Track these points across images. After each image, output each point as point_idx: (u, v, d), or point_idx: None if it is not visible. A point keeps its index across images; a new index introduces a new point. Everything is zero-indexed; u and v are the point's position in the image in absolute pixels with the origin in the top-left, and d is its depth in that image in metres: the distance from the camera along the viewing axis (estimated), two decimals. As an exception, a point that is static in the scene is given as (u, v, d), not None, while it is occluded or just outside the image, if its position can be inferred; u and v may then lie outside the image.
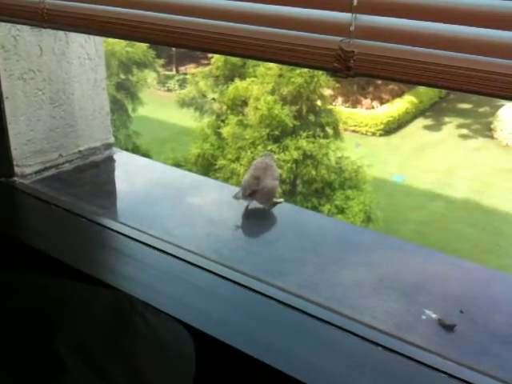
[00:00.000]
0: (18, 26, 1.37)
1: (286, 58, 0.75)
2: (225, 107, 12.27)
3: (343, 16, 0.71)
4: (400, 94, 17.87)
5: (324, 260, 1.18)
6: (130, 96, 12.58)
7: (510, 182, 13.65)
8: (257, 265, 1.12)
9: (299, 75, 11.74)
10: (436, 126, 17.25)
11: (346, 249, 1.23)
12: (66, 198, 1.42)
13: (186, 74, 17.18)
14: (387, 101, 17.58)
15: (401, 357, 0.85)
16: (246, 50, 0.76)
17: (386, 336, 0.89)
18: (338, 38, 0.72)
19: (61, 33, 1.47)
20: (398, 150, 15.73)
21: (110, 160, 1.66)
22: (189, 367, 0.76)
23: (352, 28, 0.71)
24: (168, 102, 15.33)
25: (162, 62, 14.05)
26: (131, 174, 1.62)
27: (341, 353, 0.86)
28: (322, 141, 11.82)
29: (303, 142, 11.54)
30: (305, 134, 11.71)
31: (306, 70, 11.80)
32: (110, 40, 10.90)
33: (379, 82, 18.30)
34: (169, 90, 16.78)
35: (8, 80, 1.37)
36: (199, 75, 13.32)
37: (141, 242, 1.20)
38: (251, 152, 11.38)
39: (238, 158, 11.48)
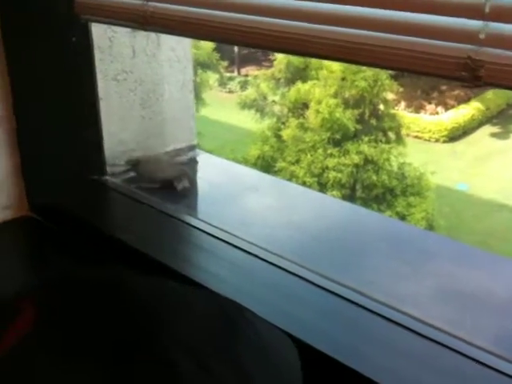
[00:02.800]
0: (114, 28, 1.40)
1: (410, 66, 0.72)
2: (286, 110, 12.26)
3: (473, 23, 0.68)
4: (466, 100, 17.31)
5: (415, 269, 1.13)
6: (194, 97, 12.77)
7: None
8: (350, 277, 1.09)
9: (363, 79, 11.58)
10: (503, 134, 16.60)
11: (428, 257, 1.17)
12: (152, 196, 1.44)
13: (247, 75, 17.30)
14: (452, 106, 17.06)
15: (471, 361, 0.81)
16: (371, 57, 0.74)
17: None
18: (468, 46, 0.68)
19: (153, 35, 1.49)
20: (462, 157, 15.24)
21: (194, 161, 1.67)
22: (297, 378, 0.74)
23: (482, 36, 0.67)
24: (229, 103, 15.47)
25: (225, 64, 14.22)
26: (214, 175, 1.62)
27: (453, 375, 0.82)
28: (383, 146, 11.62)
29: (365, 147, 11.38)
30: (366, 139, 11.54)
31: (370, 73, 11.64)
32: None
33: (444, 87, 17.83)
34: (230, 92, 16.94)
35: (102, 81, 1.40)
36: (261, 77, 13.37)
37: (231, 244, 1.20)
38: (311, 155, 11.33)
39: (297, 161, 11.45)
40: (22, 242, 1.37)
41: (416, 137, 15.46)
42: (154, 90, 1.54)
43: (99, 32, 1.36)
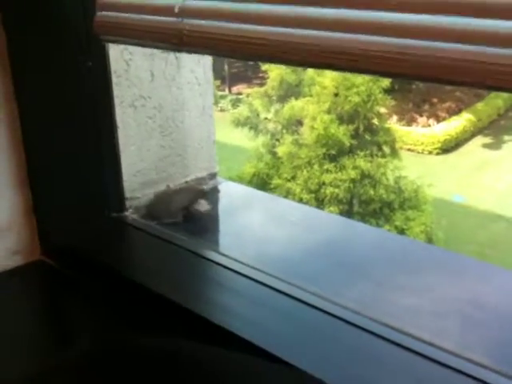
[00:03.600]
0: (131, 50, 1.28)
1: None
2: (280, 127, 12.21)
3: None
4: (457, 112, 17.39)
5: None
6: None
7: None
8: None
9: (356, 94, 11.56)
10: (496, 145, 16.65)
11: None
12: (174, 231, 1.31)
13: (238, 94, 17.27)
14: (444, 119, 17.11)
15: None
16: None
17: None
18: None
19: (172, 56, 1.37)
20: (456, 169, 15.25)
21: (215, 190, 1.54)
22: None
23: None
24: (221, 121, 15.40)
25: (218, 83, 14.17)
26: (238, 205, 1.49)
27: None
28: (379, 160, 11.57)
29: (361, 161, 11.32)
30: (362, 153, 11.49)
31: (363, 88, 11.62)
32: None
33: (435, 99, 17.89)
34: (222, 110, 16.89)
35: (119, 107, 1.28)
36: (254, 95, 13.32)
37: (260, 282, 1.07)
38: (307, 171, 11.24)
39: (293, 177, 11.37)
40: (35, 291, 1.23)
41: (409, 149, 15.46)
42: (174, 117, 1.42)
43: (115, 54, 1.24)
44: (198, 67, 1.43)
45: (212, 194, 1.52)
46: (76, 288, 1.19)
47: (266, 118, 12.72)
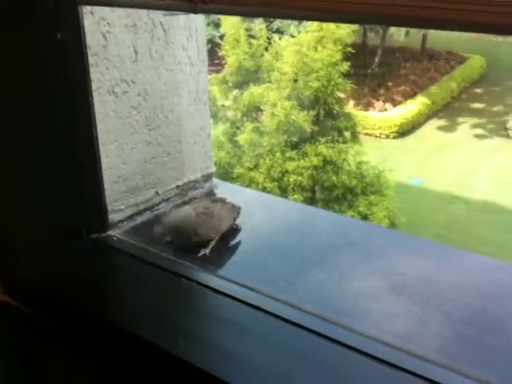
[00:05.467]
0: (109, 19, 0.97)
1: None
2: (239, 114, 11.90)
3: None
4: (412, 95, 17.48)
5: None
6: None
7: (531, 182, 13.30)
8: None
9: (316, 79, 11.36)
10: (450, 127, 16.87)
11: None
12: (166, 251, 1.02)
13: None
14: (400, 102, 17.19)
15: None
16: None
17: None
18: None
19: (159, 30, 1.08)
20: (413, 152, 15.38)
21: (212, 195, 1.26)
22: None
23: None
24: (178, 110, 14.92)
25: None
26: (242, 213, 1.22)
27: None
28: (341, 146, 11.44)
29: (322, 148, 11.14)
30: (323, 140, 11.32)
31: (322, 73, 11.43)
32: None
33: (390, 83, 17.91)
34: (177, 98, 16.34)
35: (97, 95, 0.98)
36: (211, 81, 12.92)
37: (282, 318, 0.81)
38: (269, 159, 11.00)
39: (255, 166, 11.09)
40: None
41: (367, 134, 15.48)
42: (162, 105, 1.13)
43: (90, 25, 0.93)
44: (190, 43, 1.14)
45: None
46: (47, 336, 0.89)
47: (223, 106, 12.36)
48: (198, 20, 1.15)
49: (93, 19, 0.94)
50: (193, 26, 1.14)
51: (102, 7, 0.91)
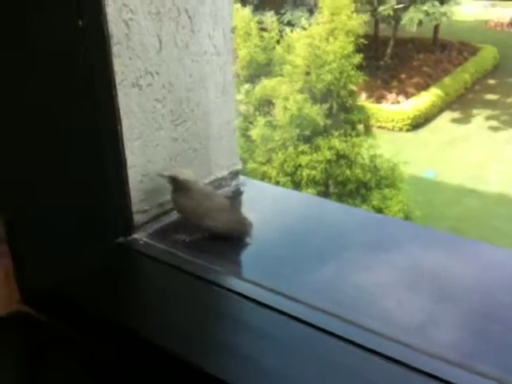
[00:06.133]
0: (131, 6, 0.90)
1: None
2: (252, 108, 11.82)
3: None
4: (425, 87, 17.29)
5: None
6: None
7: (546, 174, 13.13)
8: None
9: (329, 72, 11.24)
10: (464, 119, 16.68)
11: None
12: (191, 255, 0.95)
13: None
14: (412, 95, 17.01)
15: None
16: None
17: None
18: None
19: (184, 17, 1.00)
20: (427, 145, 15.24)
21: (239, 193, 1.18)
22: None
23: None
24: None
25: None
26: (272, 213, 1.14)
27: None
28: (354, 139, 11.32)
29: (335, 142, 11.04)
30: (336, 133, 11.22)
31: (335, 65, 11.31)
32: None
33: (403, 75, 17.72)
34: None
35: (120, 88, 0.91)
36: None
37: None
38: (282, 154, 10.91)
39: (268, 160, 11.02)
40: (13, 350, 0.85)
41: (380, 127, 15.34)
42: (188, 98, 1.05)
43: (112, 13, 0.86)
44: (216, 31, 1.07)
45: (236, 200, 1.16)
46: (67, 346, 0.82)
47: (236, 100, 12.29)
48: (225, 6, 1.07)
49: (114, 6, 0.87)
50: (219, 14, 1.07)
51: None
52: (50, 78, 0.81)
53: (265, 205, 1.17)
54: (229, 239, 0.99)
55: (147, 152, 1.00)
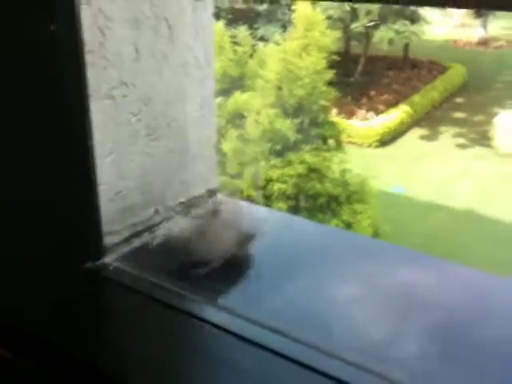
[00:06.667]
0: (107, 11, 0.84)
1: None
2: (223, 121, 11.78)
3: None
4: (394, 104, 17.55)
5: None
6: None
7: None
8: None
9: (301, 87, 11.30)
10: (432, 136, 16.98)
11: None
12: (166, 280, 0.88)
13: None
14: (382, 111, 17.25)
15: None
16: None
17: None
18: None
19: (163, 26, 0.94)
20: (395, 161, 15.44)
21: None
22: None
23: None
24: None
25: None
26: (254, 235, 1.08)
27: None
28: (325, 154, 11.38)
29: (307, 156, 11.08)
30: (308, 148, 11.26)
31: (307, 81, 11.37)
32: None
33: (373, 92, 17.96)
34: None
35: (93, 99, 0.84)
36: (195, 88, 12.77)
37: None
38: (253, 168, 10.89)
39: (239, 174, 10.98)
40: None
41: (350, 142, 15.48)
42: (165, 112, 0.99)
43: (87, 18, 0.79)
44: (197, 42, 1.01)
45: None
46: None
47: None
48: (206, 17, 1.02)
49: (90, 11, 0.80)
50: (200, 24, 1.01)
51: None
52: (18, 81, 0.74)
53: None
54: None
55: (120, 168, 0.93)
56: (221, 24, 12.25)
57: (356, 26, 16.85)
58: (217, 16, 13.49)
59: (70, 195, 0.82)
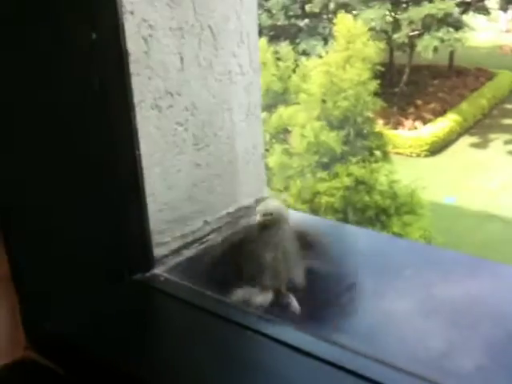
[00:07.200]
0: (151, 21, 0.83)
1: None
2: (268, 136, 11.81)
3: None
4: (442, 113, 17.19)
5: None
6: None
7: None
8: None
9: (345, 98, 11.22)
10: (483, 144, 16.52)
11: None
12: (218, 292, 0.86)
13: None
14: (429, 120, 16.91)
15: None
16: None
17: None
18: None
19: (207, 34, 0.93)
20: (445, 170, 15.07)
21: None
22: None
23: None
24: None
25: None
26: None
27: None
28: (373, 165, 11.24)
29: (354, 168, 10.96)
30: (354, 160, 11.15)
31: (351, 92, 11.29)
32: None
33: (419, 101, 17.66)
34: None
35: (138, 109, 0.83)
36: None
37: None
38: (300, 181, 10.85)
39: (286, 188, 10.95)
40: None
41: (397, 153, 15.22)
42: (211, 121, 0.98)
43: (132, 28, 0.79)
44: (241, 49, 1.00)
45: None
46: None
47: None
48: (251, 23, 1.00)
49: (133, 20, 0.80)
50: (244, 30, 1.00)
51: (144, 5, 0.77)
52: (63, 92, 0.73)
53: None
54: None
55: (168, 178, 0.92)
56: (263, 40, 12.35)
57: (399, 36, 16.64)
58: (259, 33, 13.63)
59: (118, 206, 0.82)
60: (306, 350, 0.71)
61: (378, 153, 11.86)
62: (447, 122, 16.73)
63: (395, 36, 16.83)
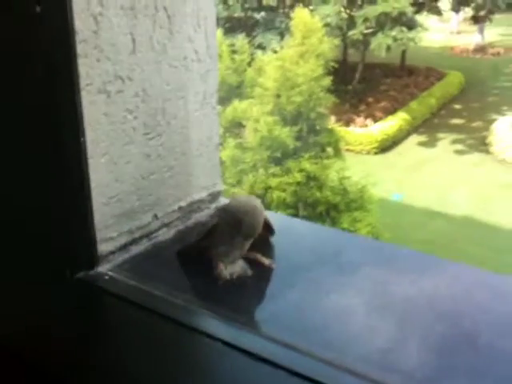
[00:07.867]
0: None
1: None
2: (222, 130, 11.74)
3: None
4: (393, 111, 17.53)
5: None
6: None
7: (510, 197, 13.37)
8: None
9: (299, 93, 11.26)
10: (430, 143, 16.94)
11: None
12: (167, 291, 0.80)
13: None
14: (380, 118, 17.21)
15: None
16: None
17: None
18: None
19: (162, 16, 0.87)
20: (393, 168, 15.39)
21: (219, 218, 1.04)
22: None
23: None
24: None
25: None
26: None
27: None
28: (325, 161, 11.32)
29: (306, 164, 11.02)
30: (307, 155, 11.20)
31: (305, 87, 11.34)
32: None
33: (371, 99, 17.94)
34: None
35: (85, 94, 0.76)
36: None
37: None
38: (253, 175, 10.82)
39: (238, 182, 10.90)
40: None
41: (348, 150, 15.43)
42: (164, 110, 0.92)
43: (80, 4, 0.72)
44: (198, 33, 0.94)
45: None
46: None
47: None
48: (208, 6, 0.95)
49: (81, -4, 0.73)
50: (201, 14, 0.94)
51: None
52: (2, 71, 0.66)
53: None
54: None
55: (115, 170, 0.85)
56: (218, 32, 12.23)
57: (353, 34, 16.84)
58: (214, 24, 13.48)
59: (60, 198, 0.75)
60: (241, 347, 0.68)
61: (329, 149, 11.97)
62: (397, 121, 17.09)
63: (350, 33, 17.02)
